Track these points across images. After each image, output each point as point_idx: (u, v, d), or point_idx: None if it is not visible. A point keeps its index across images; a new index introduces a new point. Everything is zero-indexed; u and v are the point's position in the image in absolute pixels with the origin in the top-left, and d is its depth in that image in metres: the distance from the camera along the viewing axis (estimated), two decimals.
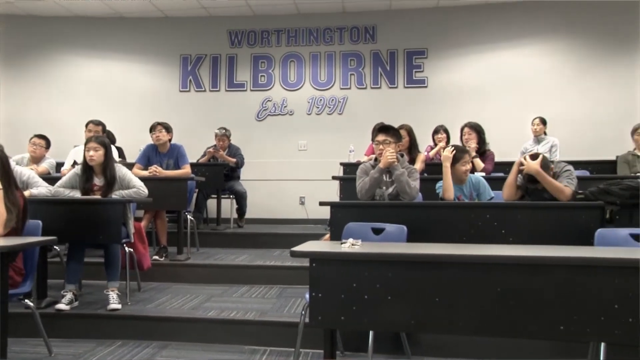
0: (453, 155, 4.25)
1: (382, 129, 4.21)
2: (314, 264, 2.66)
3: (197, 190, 6.76)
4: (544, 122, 7.06)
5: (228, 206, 7.25)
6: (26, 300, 3.46)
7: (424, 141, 6.41)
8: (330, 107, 8.49)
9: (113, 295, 4.18)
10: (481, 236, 3.61)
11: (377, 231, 3.51)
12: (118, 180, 4.47)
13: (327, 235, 4.10)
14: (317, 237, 4.67)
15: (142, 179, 4.71)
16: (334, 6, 8.32)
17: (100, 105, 8.49)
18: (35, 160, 6.06)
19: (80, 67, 8.87)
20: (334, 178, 5.51)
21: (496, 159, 5.68)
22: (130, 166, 5.40)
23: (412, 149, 5.58)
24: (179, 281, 5.17)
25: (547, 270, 2.47)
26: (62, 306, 4.03)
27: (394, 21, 8.43)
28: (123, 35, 8.84)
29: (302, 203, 8.23)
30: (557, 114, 7.54)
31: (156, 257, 5.40)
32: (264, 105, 8.61)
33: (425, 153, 6.14)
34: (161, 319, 4.07)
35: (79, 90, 8.79)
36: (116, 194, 4.42)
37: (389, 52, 8.44)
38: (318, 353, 3.50)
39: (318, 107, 8.53)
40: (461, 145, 5.27)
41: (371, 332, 3.09)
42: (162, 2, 8.20)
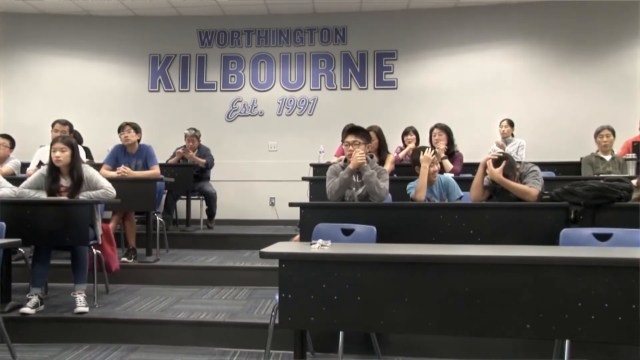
0: (415, 157, 4.30)
1: (351, 130, 4.23)
2: (283, 265, 2.66)
3: (166, 191, 6.71)
4: (511, 124, 7.19)
5: (198, 207, 7.21)
6: None
7: (393, 142, 6.46)
8: (300, 108, 8.50)
9: (80, 298, 4.11)
10: (450, 236, 3.65)
11: (347, 232, 3.53)
12: (85, 181, 4.40)
13: (297, 236, 4.11)
14: (287, 238, 4.68)
15: (110, 179, 4.65)
16: (305, 7, 8.33)
17: (67, 104, 8.36)
18: None
19: (47, 66, 8.72)
20: (304, 179, 5.51)
21: (465, 160, 5.74)
22: (98, 167, 5.31)
23: (382, 150, 5.61)
24: (147, 283, 5.12)
25: (512, 270, 2.52)
26: (27, 310, 3.94)
27: (364, 23, 8.48)
28: (91, 34, 8.71)
29: (272, 204, 8.23)
30: (524, 116, 7.69)
31: (125, 259, 5.34)
32: (234, 106, 8.58)
33: (395, 154, 6.18)
34: (130, 322, 4.02)
35: (45, 89, 8.63)
36: (83, 195, 4.34)
37: (359, 54, 8.48)
38: (288, 354, 3.51)
39: (288, 108, 8.53)
40: (430, 146, 5.33)
41: (341, 333, 3.10)
42: (131, 1, 8.11)
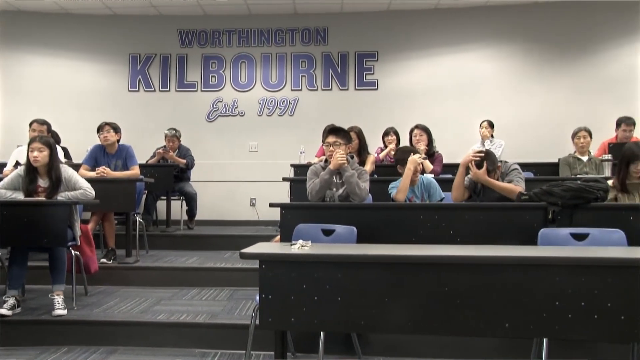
0: (400, 156, 4.32)
1: (332, 130, 4.25)
2: (263, 266, 2.66)
3: (146, 191, 6.66)
4: (491, 125, 7.26)
5: (178, 208, 7.17)
6: None
7: (374, 143, 6.48)
8: (281, 109, 8.50)
9: (58, 299, 4.06)
10: (430, 237, 3.67)
11: (327, 232, 3.54)
12: (64, 181, 4.35)
13: (278, 237, 4.11)
14: (267, 238, 4.68)
15: (90, 180, 4.60)
16: (286, 7, 8.33)
17: (46, 103, 8.26)
18: None
19: (24, 64, 8.59)
20: (285, 179, 5.51)
21: (445, 160, 5.79)
22: (76, 167, 5.27)
23: (362, 151, 5.64)
24: (127, 284, 5.07)
25: (492, 270, 2.55)
26: (3, 312, 3.89)
27: (345, 23, 8.49)
28: (70, 33, 8.60)
29: (253, 204, 8.21)
30: (503, 117, 7.74)
31: (104, 260, 5.30)
32: (214, 106, 8.55)
33: (375, 155, 6.21)
34: (109, 324, 3.98)
35: (22, 88, 8.51)
36: (62, 196, 4.29)
37: (340, 55, 8.50)
38: (269, 355, 3.50)
39: (269, 109, 8.51)
40: (410, 146, 5.37)
41: (322, 333, 3.11)
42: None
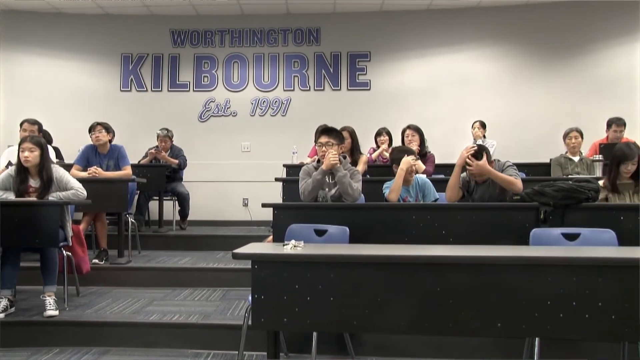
0: (396, 156, 4.33)
1: (324, 130, 4.25)
2: (256, 266, 2.67)
3: (138, 191, 6.65)
4: (483, 125, 7.29)
5: (170, 208, 7.16)
6: None
7: (366, 143, 6.50)
8: (273, 109, 8.49)
9: (50, 300, 4.05)
10: (422, 237, 3.68)
11: (320, 232, 3.55)
12: (55, 181, 4.33)
13: (270, 237, 4.11)
14: (260, 239, 4.69)
15: (81, 180, 4.59)
16: (278, 8, 8.32)
17: (37, 103, 8.22)
18: None
19: (15, 64, 8.54)
20: (277, 180, 5.51)
21: (437, 161, 5.80)
22: (68, 167, 5.25)
23: (355, 151, 5.65)
24: (119, 285, 5.06)
25: (485, 270, 2.56)
26: None
27: (337, 24, 8.49)
28: (61, 32, 8.56)
29: (246, 205, 8.20)
30: (495, 118, 7.79)
31: (96, 261, 5.28)
32: (207, 106, 8.53)
33: (368, 155, 6.22)
34: (101, 324, 3.97)
35: (13, 87, 8.46)
36: (53, 196, 4.28)
37: (333, 55, 8.50)
38: (262, 355, 3.51)
39: (261, 109, 8.51)
40: (407, 147, 5.37)
41: (315, 333, 3.11)
42: None
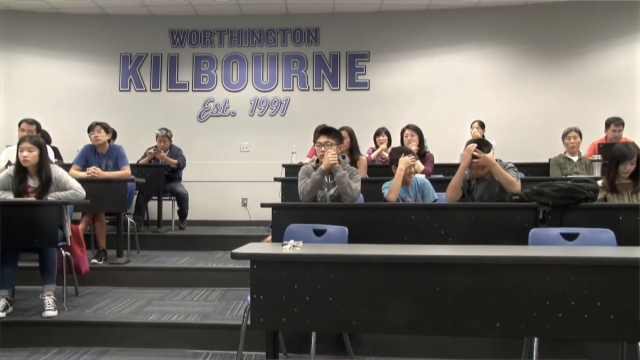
0: (395, 156, 4.33)
1: (323, 130, 4.25)
2: (255, 266, 2.67)
3: (137, 191, 6.64)
4: (482, 125, 7.29)
5: (169, 208, 7.15)
6: None
7: (365, 143, 6.50)
8: (272, 109, 8.49)
9: (49, 300, 4.05)
10: (421, 237, 3.68)
11: (319, 232, 3.54)
12: (54, 181, 4.33)
13: (269, 237, 4.10)
14: (259, 238, 4.68)
15: (80, 180, 4.58)
16: (277, 8, 8.32)
17: (36, 103, 8.21)
18: None
19: (14, 64, 8.53)
20: (276, 180, 5.51)
21: (436, 161, 5.81)
22: (67, 167, 5.24)
23: (354, 151, 5.64)
24: (118, 285, 5.06)
25: (483, 270, 2.57)
26: None
27: (336, 24, 8.49)
28: (60, 32, 8.55)
29: (245, 205, 8.20)
30: (494, 117, 7.78)
31: (95, 261, 5.28)
32: (206, 106, 8.53)
33: (367, 155, 6.22)
34: (100, 324, 3.97)
35: (12, 87, 8.44)
36: (52, 196, 4.27)
37: (332, 55, 8.50)
38: (261, 355, 3.51)
39: (260, 109, 8.50)
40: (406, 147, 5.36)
41: (313, 333, 3.11)
42: None
